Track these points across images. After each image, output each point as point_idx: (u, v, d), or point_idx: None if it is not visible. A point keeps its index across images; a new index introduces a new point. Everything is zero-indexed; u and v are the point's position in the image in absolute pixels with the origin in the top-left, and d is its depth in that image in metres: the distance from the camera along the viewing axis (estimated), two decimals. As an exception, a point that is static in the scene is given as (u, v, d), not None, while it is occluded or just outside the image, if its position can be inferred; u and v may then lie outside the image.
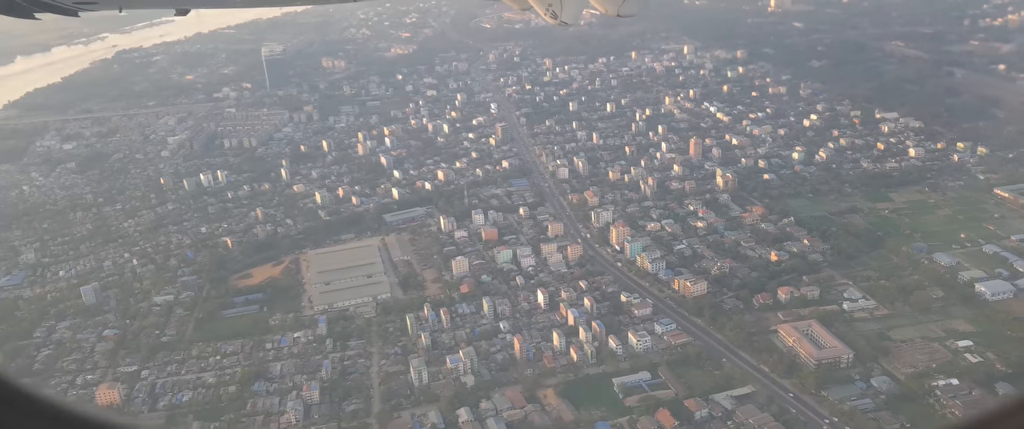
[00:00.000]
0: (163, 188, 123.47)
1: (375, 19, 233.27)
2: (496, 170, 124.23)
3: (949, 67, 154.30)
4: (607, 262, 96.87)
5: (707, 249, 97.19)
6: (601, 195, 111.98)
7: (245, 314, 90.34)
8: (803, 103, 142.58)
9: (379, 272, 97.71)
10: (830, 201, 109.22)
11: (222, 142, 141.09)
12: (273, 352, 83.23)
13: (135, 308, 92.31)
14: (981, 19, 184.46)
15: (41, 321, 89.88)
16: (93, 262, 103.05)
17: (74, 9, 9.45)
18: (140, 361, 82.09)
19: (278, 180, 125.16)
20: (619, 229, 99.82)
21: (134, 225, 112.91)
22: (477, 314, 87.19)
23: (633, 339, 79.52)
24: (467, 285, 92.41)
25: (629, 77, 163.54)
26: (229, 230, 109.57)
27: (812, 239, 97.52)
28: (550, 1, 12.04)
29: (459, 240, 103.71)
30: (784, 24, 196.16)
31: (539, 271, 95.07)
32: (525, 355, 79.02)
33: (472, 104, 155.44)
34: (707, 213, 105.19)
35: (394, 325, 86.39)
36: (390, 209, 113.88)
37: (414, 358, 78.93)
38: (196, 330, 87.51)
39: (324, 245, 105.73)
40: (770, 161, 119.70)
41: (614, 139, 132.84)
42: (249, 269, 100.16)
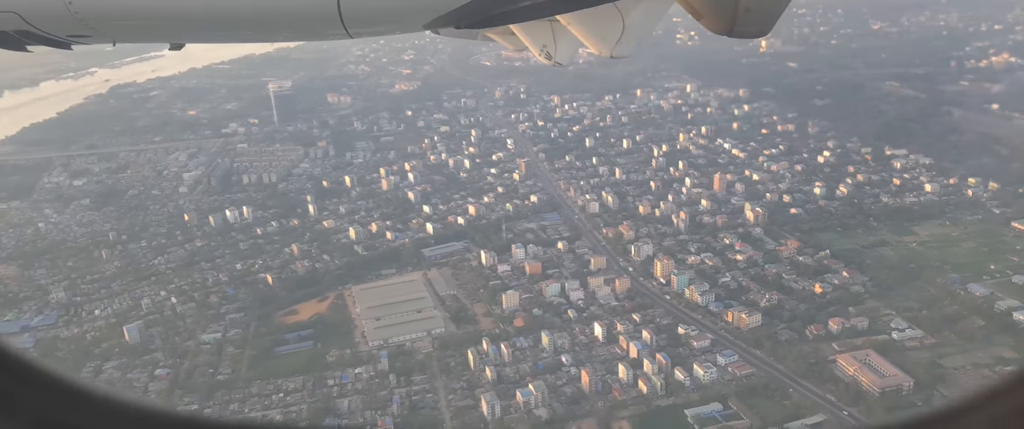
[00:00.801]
0: (188, 224, 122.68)
1: (372, 56, 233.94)
2: (525, 205, 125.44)
3: (947, 107, 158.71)
4: (655, 295, 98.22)
5: (751, 282, 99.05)
6: (635, 229, 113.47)
7: (299, 351, 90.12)
8: (813, 140, 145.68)
9: (429, 307, 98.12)
10: (858, 235, 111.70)
11: (240, 178, 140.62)
12: (336, 388, 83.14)
13: (182, 346, 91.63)
14: (966, 60, 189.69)
15: (85, 361, 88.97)
16: (128, 300, 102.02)
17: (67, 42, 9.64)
18: (199, 400, 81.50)
19: (305, 216, 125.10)
20: (664, 262, 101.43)
21: (164, 262, 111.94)
22: (536, 348, 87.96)
23: (699, 371, 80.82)
24: (521, 319, 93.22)
25: (638, 114, 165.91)
26: (266, 266, 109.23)
27: (850, 271, 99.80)
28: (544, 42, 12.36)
29: (503, 274, 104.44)
30: (778, 64, 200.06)
31: (589, 304, 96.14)
32: (594, 388, 79.93)
33: (487, 140, 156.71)
34: (744, 247, 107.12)
35: (454, 359, 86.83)
36: (426, 244, 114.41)
37: (485, 392, 79.45)
38: (251, 368, 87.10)
39: (366, 280, 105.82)
40: (793, 196, 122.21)
41: (636, 174, 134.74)
42: (294, 305, 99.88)
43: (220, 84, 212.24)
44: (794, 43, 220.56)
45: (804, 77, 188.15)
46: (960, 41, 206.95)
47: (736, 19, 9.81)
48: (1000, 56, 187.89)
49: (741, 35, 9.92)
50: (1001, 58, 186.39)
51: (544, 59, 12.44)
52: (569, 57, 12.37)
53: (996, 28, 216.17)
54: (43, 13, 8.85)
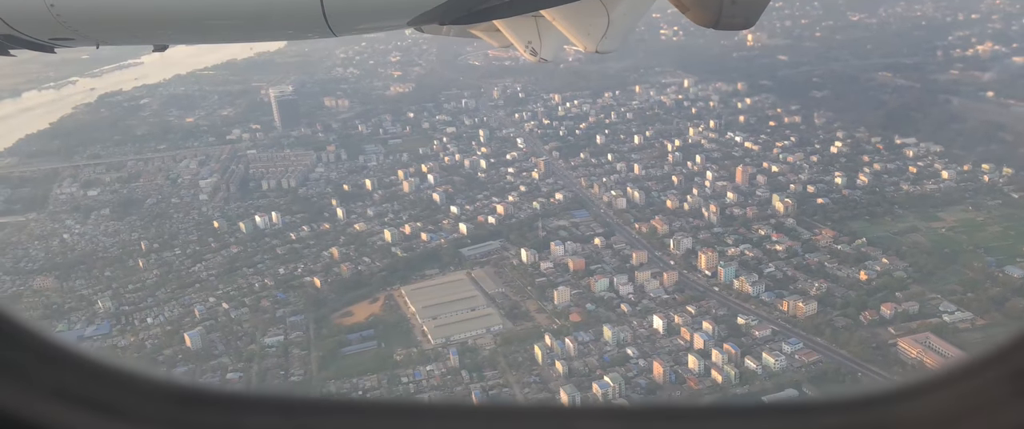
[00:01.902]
0: (218, 231, 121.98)
1: (358, 58, 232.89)
2: (551, 203, 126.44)
3: (944, 96, 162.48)
4: (703, 287, 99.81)
5: (795, 271, 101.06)
6: (668, 223, 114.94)
7: (365, 350, 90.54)
8: (821, 131, 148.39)
9: (481, 305, 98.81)
10: (887, 222, 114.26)
11: (259, 184, 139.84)
12: (412, 386, 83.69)
13: (247, 350, 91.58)
14: (951, 50, 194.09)
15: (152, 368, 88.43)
16: (178, 308, 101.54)
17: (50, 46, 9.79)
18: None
19: (334, 219, 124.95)
20: (708, 255, 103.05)
21: (204, 269, 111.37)
22: (598, 342, 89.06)
23: (769, 359, 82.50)
24: (576, 314, 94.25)
25: (641, 110, 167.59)
26: (309, 270, 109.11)
27: (889, 257, 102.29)
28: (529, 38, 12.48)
29: (546, 271, 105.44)
30: (768, 57, 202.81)
31: (640, 298, 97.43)
32: (668, 379, 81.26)
33: (496, 140, 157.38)
34: (780, 237, 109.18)
35: (519, 355, 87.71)
36: (462, 244, 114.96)
37: (561, 385, 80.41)
38: (322, 368, 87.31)
39: (411, 281, 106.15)
40: (817, 186, 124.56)
41: (654, 169, 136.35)
42: (347, 307, 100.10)
43: (209, 90, 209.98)
44: (779, 36, 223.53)
45: (796, 70, 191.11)
46: (940, 31, 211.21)
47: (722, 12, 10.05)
48: (984, 45, 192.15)
49: (726, 27, 10.19)
50: (986, 47, 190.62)
51: (529, 56, 12.83)
52: (554, 53, 12.76)
53: (973, 17, 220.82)
54: (25, 17, 8.88)
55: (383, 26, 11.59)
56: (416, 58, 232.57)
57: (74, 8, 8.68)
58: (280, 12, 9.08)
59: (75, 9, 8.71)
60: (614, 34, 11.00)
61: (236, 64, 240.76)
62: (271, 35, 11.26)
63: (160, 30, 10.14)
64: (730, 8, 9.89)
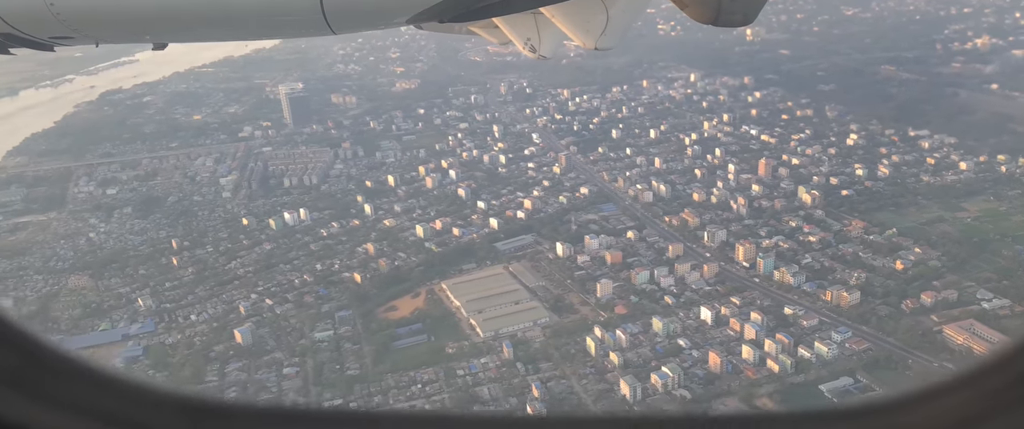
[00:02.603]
0: (248, 228, 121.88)
1: (357, 54, 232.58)
2: (577, 197, 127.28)
3: (951, 88, 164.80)
4: (744, 279, 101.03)
5: (831, 262, 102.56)
6: (698, 216, 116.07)
7: (416, 344, 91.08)
8: (835, 124, 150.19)
9: (524, 298, 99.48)
10: (912, 213, 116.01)
11: (281, 181, 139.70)
12: (470, 378, 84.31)
13: (298, 345, 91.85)
14: (950, 43, 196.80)
15: (205, 365, 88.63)
16: (221, 305, 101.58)
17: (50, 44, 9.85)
18: (341, 395, 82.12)
19: (362, 215, 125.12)
20: (746, 246, 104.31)
21: (240, 266, 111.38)
22: (647, 333, 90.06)
23: (822, 348, 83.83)
24: (622, 306, 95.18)
25: (651, 105, 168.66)
26: (346, 266, 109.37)
27: (921, 247, 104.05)
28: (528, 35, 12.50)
29: (584, 264, 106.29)
30: (770, 52, 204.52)
31: (683, 290, 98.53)
32: (725, 369, 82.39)
33: (511, 135, 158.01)
34: (812, 228, 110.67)
35: (570, 347, 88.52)
36: (495, 238, 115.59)
37: (622, 375, 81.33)
38: (377, 362, 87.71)
39: (449, 275, 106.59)
40: (840, 178, 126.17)
41: (674, 163, 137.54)
42: (389, 302, 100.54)
43: (211, 87, 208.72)
44: (778, 31, 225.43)
45: (800, 64, 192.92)
46: (936, 25, 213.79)
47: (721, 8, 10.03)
48: (981, 39, 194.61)
49: (726, 24, 10.17)
50: (984, 41, 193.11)
51: (528, 52, 12.96)
52: (553, 50, 12.85)
53: (966, 11, 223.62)
54: (25, 15, 8.91)
55: (383, 24, 11.67)
56: (416, 54, 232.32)
57: (73, 7, 8.71)
58: (280, 11, 9.11)
59: (74, 8, 8.73)
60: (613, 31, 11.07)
61: (234, 61, 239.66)
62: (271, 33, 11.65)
63: (159, 28, 10.12)
64: (729, 5, 9.96)
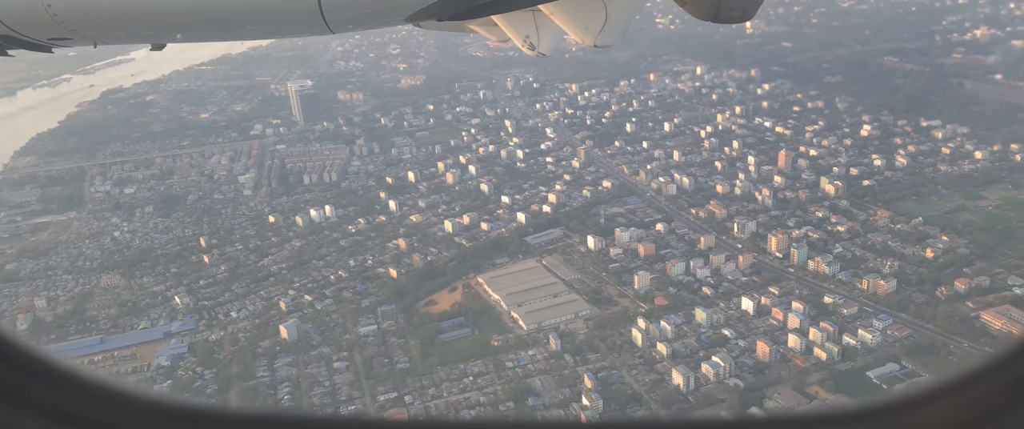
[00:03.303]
0: (275, 226, 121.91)
1: (357, 51, 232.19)
2: (600, 190, 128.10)
3: (957, 79, 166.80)
4: (778, 269, 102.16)
5: (863, 251, 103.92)
6: (724, 208, 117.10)
7: (461, 337, 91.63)
8: (846, 116, 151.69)
9: (563, 291, 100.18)
10: (935, 202, 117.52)
11: (301, 178, 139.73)
12: (519, 370, 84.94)
13: (343, 340, 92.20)
14: (949, 34, 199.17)
15: (253, 361, 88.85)
16: (259, 301, 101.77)
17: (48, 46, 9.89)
18: (394, 388, 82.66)
19: (386, 211, 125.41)
20: (779, 237, 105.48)
21: (272, 263, 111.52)
22: (690, 323, 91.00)
23: (866, 335, 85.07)
24: (661, 298, 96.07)
25: (661, 98, 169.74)
26: (379, 261, 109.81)
27: (949, 235, 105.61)
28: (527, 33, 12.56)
29: (616, 257, 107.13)
30: (772, 44, 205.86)
31: (720, 281, 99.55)
32: (773, 357, 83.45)
33: (524, 130, 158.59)
34: (839, 218, 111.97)
35: (615, 338, 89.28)
36: (524, 232, 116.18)
37: (673, 365, 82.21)
38: (425, 355, 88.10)
39: (483, 270, 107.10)
40: (859, 169, 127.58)
41: (692, 156, 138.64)
42: (428, 297, 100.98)
43: (213, 86, 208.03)
44: (777, 24, 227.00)
45: (803, 56, 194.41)
46: (932, 16, 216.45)
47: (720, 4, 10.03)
48: (979, 29, 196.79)
49: (725, 20, 10.13)
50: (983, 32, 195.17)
51: (527, 49, 12.97)
52: (552, 47, 12.94)
53: (961, 2, 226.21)
54: (23, 17, 8.95)
55: (380, 23, 11.70)
56: (416, 51, 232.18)
57: (71, 8, 8.75)
58: (278, 11, 9.12)
59: (72, 9, 8.77)
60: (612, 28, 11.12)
61: (232, 59, 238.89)
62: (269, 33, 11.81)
63: (157, 29, 10.13)
64: (728, 1, 9.98)
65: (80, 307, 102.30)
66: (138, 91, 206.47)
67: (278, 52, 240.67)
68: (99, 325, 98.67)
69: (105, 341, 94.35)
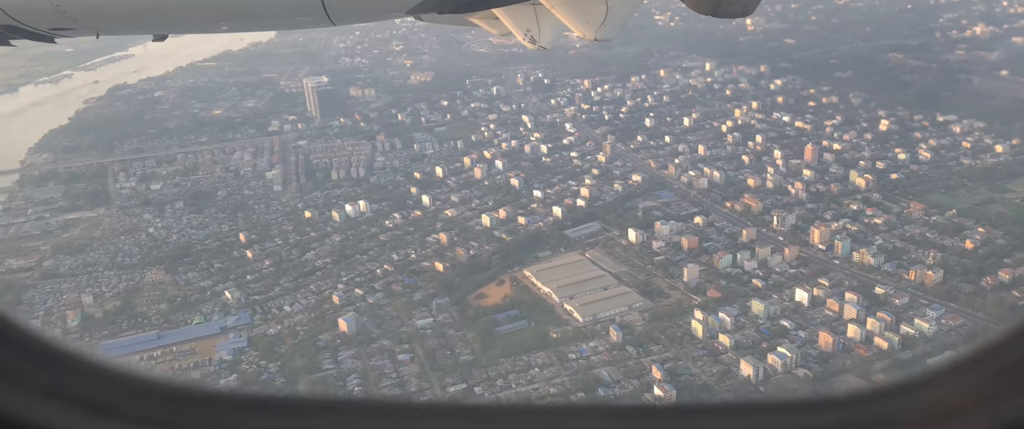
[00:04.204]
0: (312, 221, 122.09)
1: (359, 47, 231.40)
2: (630, 184, 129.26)
3: (965, 75, 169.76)
4: (824, 261, 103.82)
5: (903, 243, 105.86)
6: (759, 201, 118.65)
7: (518, 329, 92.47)
8: (862, 111, 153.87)
9: (612, 284, 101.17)
10: (963, 194, 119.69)
11: (328, 173, 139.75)
12: (582, 362, 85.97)
13: (401, 333, 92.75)
14: (948, 31, 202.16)
15: (317, 354, 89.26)
16: (310, 295, 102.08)
17: (50, 36, 9.87)
18: (461, 380, 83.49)
19: (419, 206, 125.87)
20: (821, 229, 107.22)
21: (316, 257, 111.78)
22: (746, 315, 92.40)
23: (923, 324, 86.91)
24: (714, 290, 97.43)
25: (675, 93, 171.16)
26: (422, 255, 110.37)
27: (984, 227, 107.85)
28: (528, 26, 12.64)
29: (659, 249, 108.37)
30: (776, 41, 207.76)
31: (768, 273, 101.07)
32: (836, 347, 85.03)
33: (543, 126, 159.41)
34: (874, 211, 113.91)
35: (675, 330, 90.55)
36: (562, 226, 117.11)
37: (744, 357, 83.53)
38: (486, 348, 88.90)
39: (528, 263, 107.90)
40: (886, 162, 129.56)
41: (717, 150, 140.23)
42: (478, 290, 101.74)
43: (220, 82, 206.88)
44: (777, 20, 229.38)
45: (808, 52, 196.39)
46: (929, 13, 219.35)
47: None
48: (977, 26, 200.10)
49: (726, 15, 10.14)
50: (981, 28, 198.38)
51: (528, 43, 12.98)
52: (552, 41, 12.95)
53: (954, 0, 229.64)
54: (27, 7, 8.98)
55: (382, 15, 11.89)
56: (419, 46, 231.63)
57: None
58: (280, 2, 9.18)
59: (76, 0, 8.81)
60: (612, 22, 11.19)
61: (233, 55, 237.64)
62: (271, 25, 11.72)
63: (160, 19, 10.10)
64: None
65: (129, 303, 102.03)
66: (144, 87, 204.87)
67: (280, 48, 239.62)
68: (151, 321, 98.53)
69: (162, 336, 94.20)
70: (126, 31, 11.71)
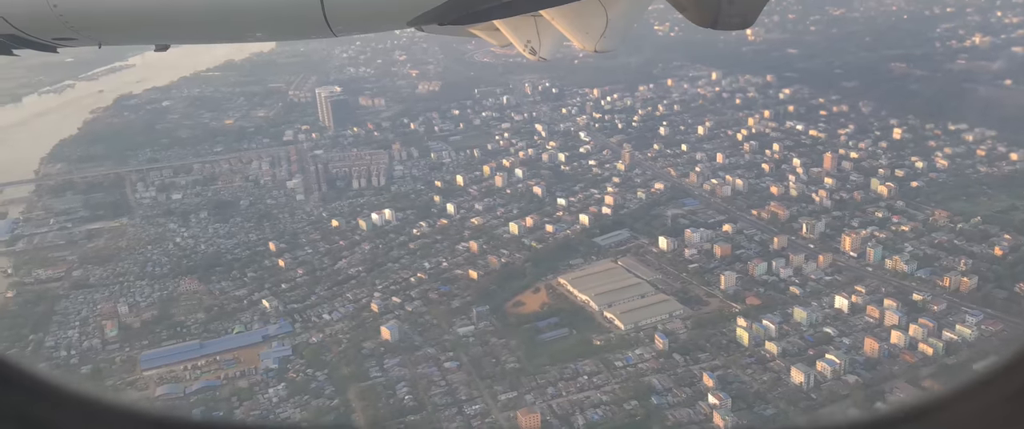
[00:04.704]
0: (339, 230, 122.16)
1: (362, 57, 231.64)
2: (653, 192, 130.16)
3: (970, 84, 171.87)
4: (857, 268, 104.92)
5: (932, 249, 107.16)
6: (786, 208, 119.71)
7: (560, 337, 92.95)
8: (873, 119, 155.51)
9: (649, 291, 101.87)
10: (985, 202, 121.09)
11: (349, 182, 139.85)
12: (630, 369, 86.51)
13: (444, 341, 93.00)
14: (948, 41, 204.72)
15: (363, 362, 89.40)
16: (348, 304, 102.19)
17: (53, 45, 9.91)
18: (510, 387, 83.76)
19: (444, 214, 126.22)
20: (852, 236, 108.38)
21: (348, 266, 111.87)
22: (788, 322, 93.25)
23: (965, 330, 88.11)
24: (752, 297, 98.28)
25: (685, 102, 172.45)
26: (454, 263, 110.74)
27: (1011, 234, 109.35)
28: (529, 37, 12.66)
29: (691, 257, 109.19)
30: (778, 50, 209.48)
31: (805, 280, 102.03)
32: (882, 354, 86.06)
33: (557, 134, 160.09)
34: (900, 218, 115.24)
35: (719, 337, 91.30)
36: (590, 234, 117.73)
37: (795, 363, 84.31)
38: (531, 356, 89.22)
39: (561, 271, 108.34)
40: (905, 171, 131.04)
41: (735, 158, 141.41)
42: (514, 297, 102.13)
43: (227, 92, 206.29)
44: (776, 31, 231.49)
45: (812, 62, 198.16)
46: (926, 23, 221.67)
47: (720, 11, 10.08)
48: (974, 37, 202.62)
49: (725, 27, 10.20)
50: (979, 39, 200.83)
51: (528, 54, 13.01)
52: (552, 52, 12.86)
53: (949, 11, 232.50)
54: (29, 16, 8.99)
55: (383, 26, 11.80)
56: (423, 56, 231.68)
57: (77, 8, 8.82)
58: (282, 12, 9.21)
59: (77, 9, 8.83)
60: (613, 33, 11.23)
61: (237, 65, 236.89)
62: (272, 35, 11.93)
63: (162, 29, 10.18)
64: (728, 8, 10.08)
65: (165, 312, 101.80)
66: (151, 97, 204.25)
67: (283, 58, 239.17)
68: (190, 330, 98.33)
69: (204, 346, 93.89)
70: (128, 41, 11.86)
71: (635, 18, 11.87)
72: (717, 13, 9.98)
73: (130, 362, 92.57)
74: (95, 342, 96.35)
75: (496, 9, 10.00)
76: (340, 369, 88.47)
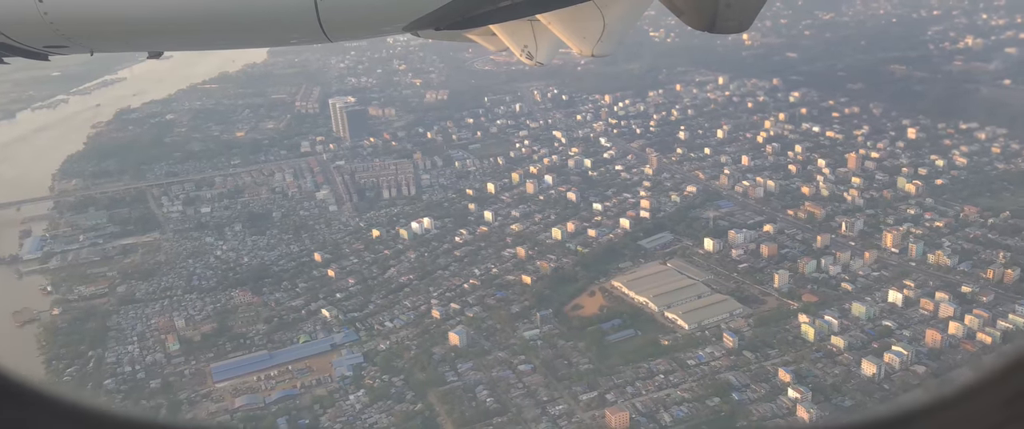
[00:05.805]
0: (381, 239, 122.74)
1: (361, 67, 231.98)
2: (686, 195, 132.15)
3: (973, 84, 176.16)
4: (901, 263, 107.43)
5: (968, 244, 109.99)
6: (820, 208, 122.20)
7: (627, 338, 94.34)
8: (886, 120, 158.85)
9: (706, 291, 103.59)
10: (1009, 198, 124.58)
11: (380, 192, 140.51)
12: (703, 367, 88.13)
13: (510, 344, 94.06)
14: (941, 43, 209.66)
15: (436, 367, 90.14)
16: (407, 311, 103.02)
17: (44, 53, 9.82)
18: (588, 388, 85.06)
19: (481, 221, 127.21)
20: (893, 233, 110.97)
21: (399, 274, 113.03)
22: (847, 317, 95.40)
23: (1018, 319, 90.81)
24: (808, 294, 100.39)
25: (698, 106, 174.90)
26: (504, 269, 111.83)
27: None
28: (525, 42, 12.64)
29: (738, 257, 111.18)
30: (778, 54, 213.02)
31: (854, 276, 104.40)
32: (945, 344, 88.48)
33: (577, 140, 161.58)
34: (932, 215, 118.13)
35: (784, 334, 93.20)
36: (634, 237, 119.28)
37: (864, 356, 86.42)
38: (601, 358, 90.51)
39: (612, 274, 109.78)
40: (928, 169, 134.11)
41: (759, 160, 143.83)
42: (571, 301, 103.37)
43: (229, 104, 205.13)
44: (773, 35, 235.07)
45: (813, 65, 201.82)
46: (916, 26, 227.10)
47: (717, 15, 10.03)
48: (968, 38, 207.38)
49: (722, 30, 10.16)
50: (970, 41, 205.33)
51: (525, 59, 13.06)
52: (549, 57, 12.98)
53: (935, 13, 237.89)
54: (19, 24, 8.86)
55: (379, 31, 11.73)
56: (423, 65, 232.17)
57: (68, 15, 8.69)
58: (275, 18, 9.10)
59: (70, 16, 8.71)
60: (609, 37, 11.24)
61: (231, 76, 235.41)
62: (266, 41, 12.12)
63: (154, 36, 10.03)
64: (725, 12, 10.07)
65: (223, 325, 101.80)
66: (152, 111, 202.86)
67: (278, 68, 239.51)
68: (254, 341, 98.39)
69: (273, 355, 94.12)
70: (120, 48, 11.18)
71: (631, 22, 11.91)
72: (714, 16, 10.03)
73: (200, 375, 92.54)
74: (158, 356, 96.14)
75: (493, 14, 9.95)
76: (415, 374, 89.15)
